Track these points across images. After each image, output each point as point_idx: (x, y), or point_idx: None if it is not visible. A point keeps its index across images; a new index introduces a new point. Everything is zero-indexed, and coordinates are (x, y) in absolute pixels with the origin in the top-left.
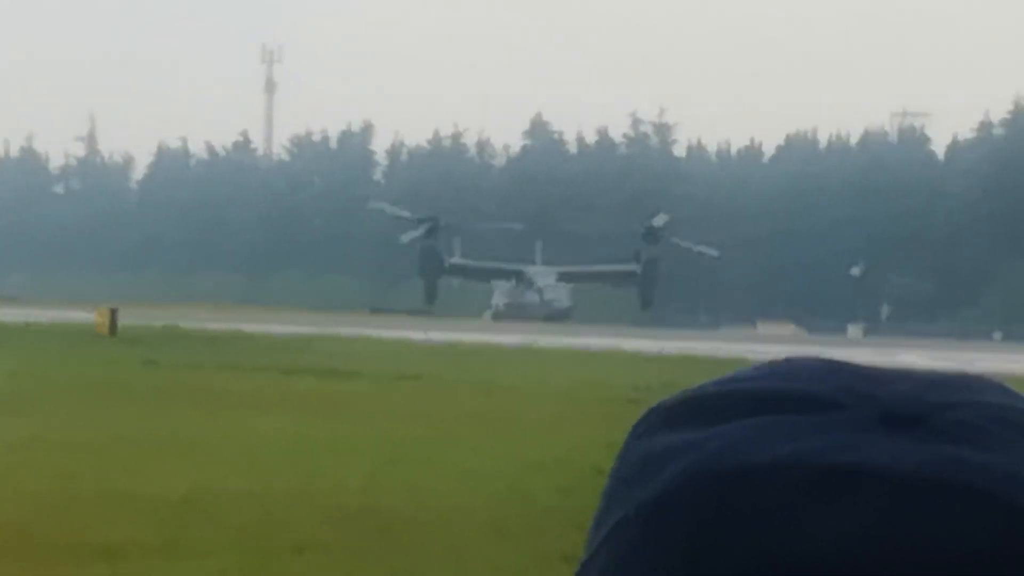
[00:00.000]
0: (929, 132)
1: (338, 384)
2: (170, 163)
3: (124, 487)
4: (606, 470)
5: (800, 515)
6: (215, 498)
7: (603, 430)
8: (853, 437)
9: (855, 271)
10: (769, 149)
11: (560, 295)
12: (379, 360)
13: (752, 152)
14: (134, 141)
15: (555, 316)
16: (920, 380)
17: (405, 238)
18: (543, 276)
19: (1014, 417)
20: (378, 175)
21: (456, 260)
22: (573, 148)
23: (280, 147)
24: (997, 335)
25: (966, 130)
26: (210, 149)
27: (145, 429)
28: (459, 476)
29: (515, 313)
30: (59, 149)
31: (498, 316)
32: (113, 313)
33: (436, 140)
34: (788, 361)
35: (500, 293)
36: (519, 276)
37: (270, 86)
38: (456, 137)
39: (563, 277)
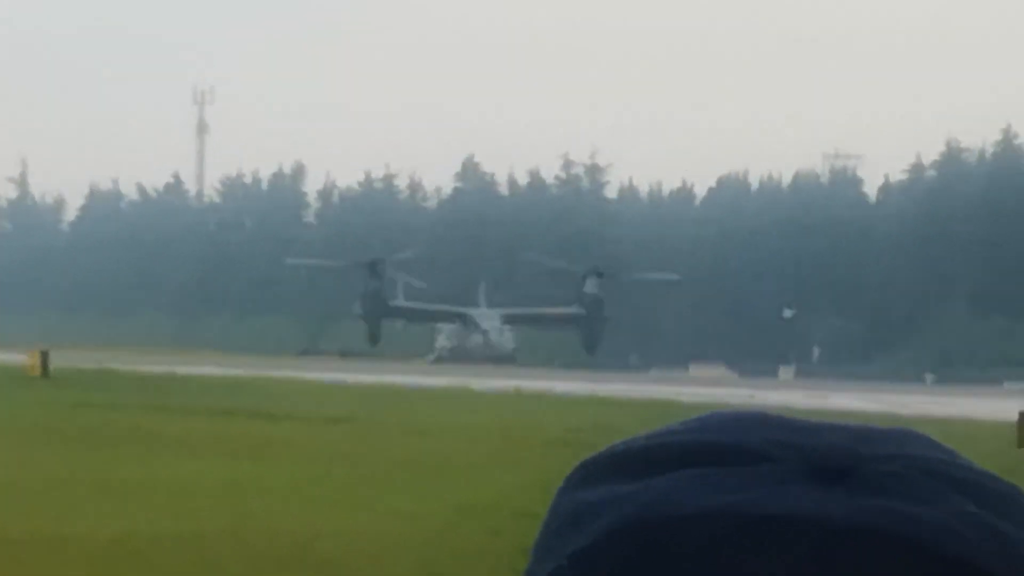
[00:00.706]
0: (861, 174)
1: (270, 427)
2: (102, 204)
3: (54, 530)
4: (536, 513)
5: (729, 564)
6: (146, 541)
7: (534, 473)
8: (782, 488)
9: (787, 313)
10: (701, 191)
11: (504, 338)
12: (310, 402)
13: (684, 193)
14: (65, 182)
15: (500, 359)
16: (849, 433)
17: (290, 261)
18: (487, 319)
19: (942, 470)
20: (310, 216)
21: (399, 302)
22: (505, 190)
23: (212, 188)
24: (929, 377)
25: (898, 172)
26: (141, 190)
27: (75, 472)
28: (391, 518)
29: (459, 356)
30: None
31: (441, 359)
32: (44, 355)
33: (368, 182)
34: (717, 414)
35: (444, 336)
36: (463, 319)
37: (202, 127)
38: (388, 179)
39: (507, 320)
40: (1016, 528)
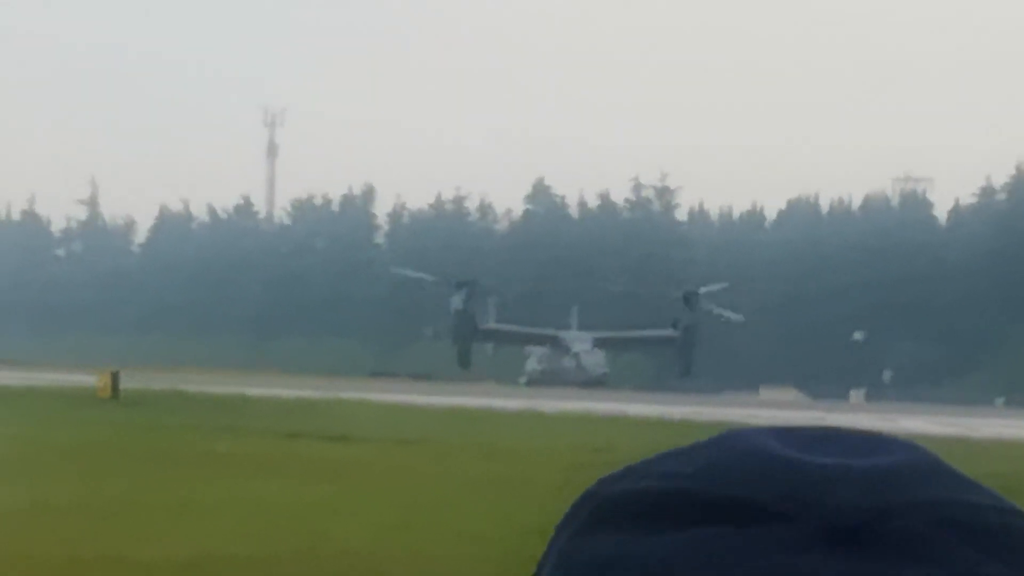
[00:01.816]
0: (931, 197)
1: (341, 448)
2: (172, 226)
3: (126, 552)
4: None
5: None
6: (220, 563)
7: None
8: (795, 558)
9: (857, 336)
10: (771, 214)
11: (596, 361)
12: (381, 424)
13: (754, 217)
14: (136, 204)
15: (591, 382)
16: (859, 480)
17: (454, 305)
18: (579, 342)
19: (950, 515)
20: (380, 238)
21: (490, 324)
22: (575, 212)
23: (282, 210)
24: (1000, 401)
25: (968, 195)
26: (212, 212)
27: (147, 493)
28: (462, 540)
29: (550, 379)
30: (61, 212)
31: (533, 382)
32: (115, 376)
33: (438, 203)
34: (726, 447)
35: (535, 359)
36: (554, 341)
37: (272, 149)
38: (458, 200)
39: (599, 343)
40: None
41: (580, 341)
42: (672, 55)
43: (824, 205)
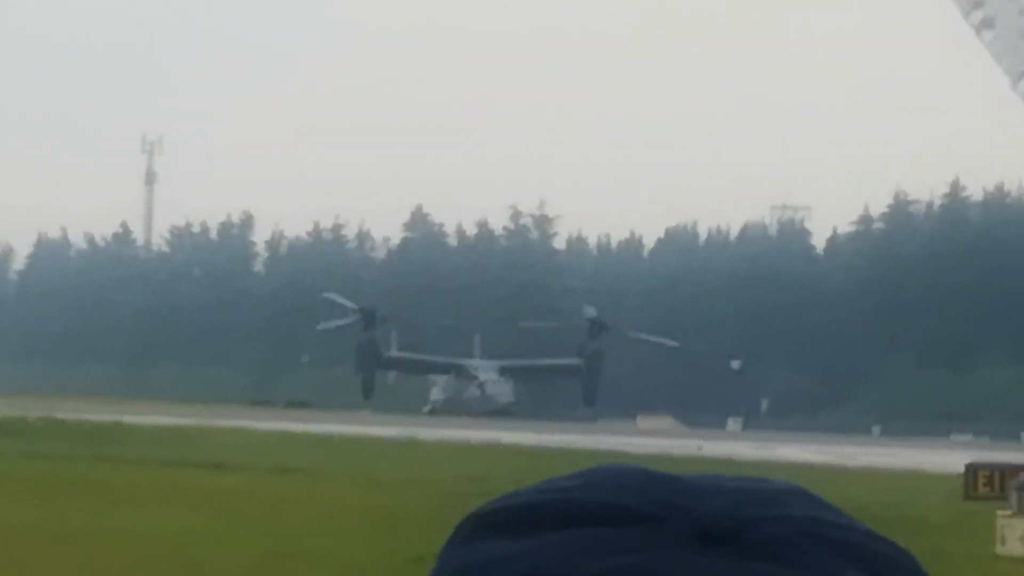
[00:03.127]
0: (809, 226)
1: (218, 476)
2: (50, 253)
3: None
4: None
5: None
6: None
7: None
8: (668, 554)
9: (735, 365)
10: (649, 242)
11: (502, 390)
12: (259, 453)
13: (632, 245)
14: (12, 231)
15: (498, 411)
16: (734, 492)
17: (322, 326)
18: (484, 370)
19: (823, 531)
20: (258, 266)
21: (394, 353)
22: (454, 240)
23: (160, 238)
24: (876, 429)
25: (846, 224)
26: (90, 240)
27: (23, 521)
28: (341, 569)
29: (455, 408)
30: None
31: (436, 411)
32: None
33: (316, 231)
34: (604, 469)
35: (439, 388)
36: (459, 370)
37: (150, 176)
38: (336, 228)
39: (505, 371)
40: None
41: (485, 370)
42: (549, 83)
43: (702, 233)
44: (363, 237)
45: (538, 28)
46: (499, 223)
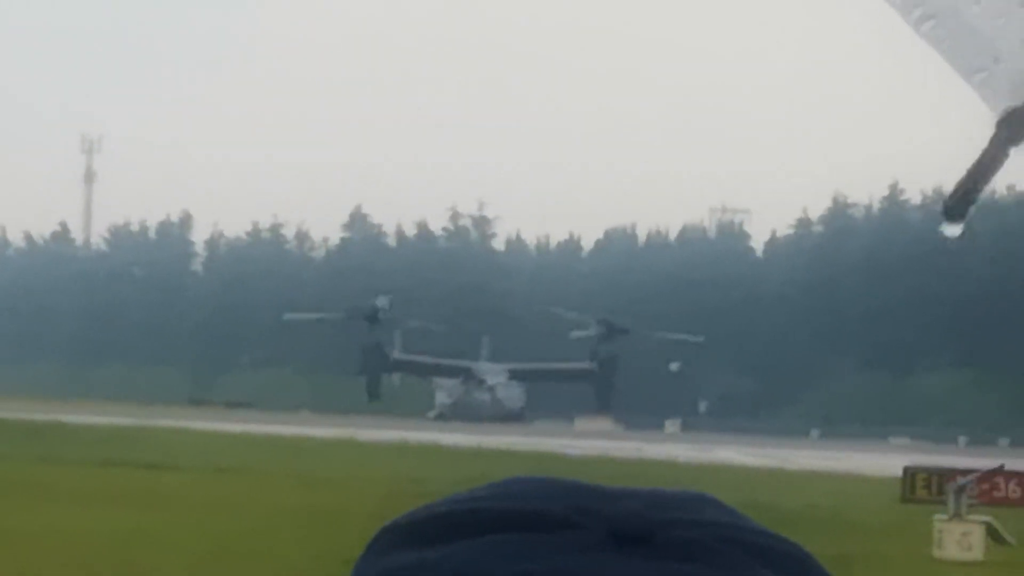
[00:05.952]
0: (748, 228)
1: (157, 476)
2: None
3: None
4: None
5: None
6: None
7: None
8: (583, 556)
9: (673, 366)
10: (588, 244)
11: (513, 394)
12: (198, 453)
13: (571, 246)
14: None
15: (508, 417)
16: (646, 498)
17: (288, 317)
18: (493, 374)
19: (735, 535)
20: (197, 266)
21: (400, 355)
22: (393, 241)
23: (99, 237)
24: (815, 433)
25: (785, 226)
26: (28, 238)
27: None
28: (279, 570)
29: (463, 413)
30: None
31: (443, 416)
32: None
33: (255, 231)
34: (517, 480)
35: (445, 392)
36: (467, 373)
37: (89, 175)
38: (275, 229)
39: (515, 375)
40: None
41: (494, 373)
42: (489, 81)
43: (641, 235)
44: (302, 237)
45: (474, 28)
46: (439, 224)
